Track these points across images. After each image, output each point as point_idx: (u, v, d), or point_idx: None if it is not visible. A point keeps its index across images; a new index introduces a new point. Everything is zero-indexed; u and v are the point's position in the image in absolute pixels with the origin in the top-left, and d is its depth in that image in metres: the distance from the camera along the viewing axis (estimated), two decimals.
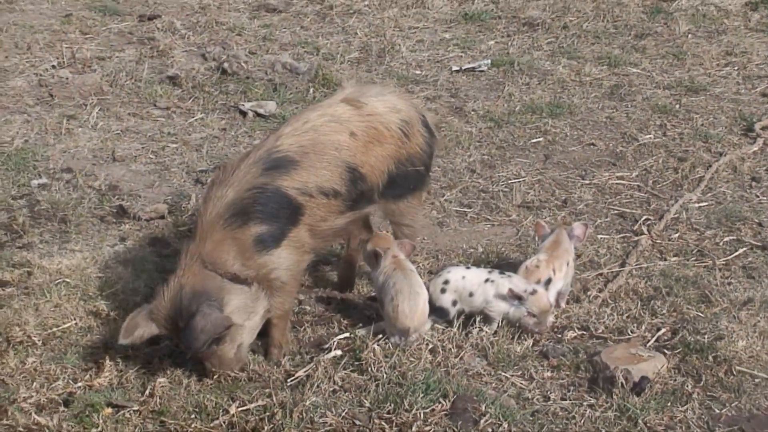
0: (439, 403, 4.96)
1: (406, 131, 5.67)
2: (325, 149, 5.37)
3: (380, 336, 5.49)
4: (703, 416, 5.03)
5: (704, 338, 5.53)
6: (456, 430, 4.82)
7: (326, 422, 4.85)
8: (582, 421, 4.96)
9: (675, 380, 5.26)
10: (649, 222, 7.05)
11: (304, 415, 4.86)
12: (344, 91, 5.78)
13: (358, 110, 5.56)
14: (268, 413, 4.87)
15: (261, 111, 8.85)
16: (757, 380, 5.29)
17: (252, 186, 5.18)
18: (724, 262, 6.49)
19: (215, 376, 5.20)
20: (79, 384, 5.17)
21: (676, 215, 7.10)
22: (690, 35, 11.13)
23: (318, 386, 5.11)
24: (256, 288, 5.22)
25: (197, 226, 5.25)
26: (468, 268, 5.79)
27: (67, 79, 9.43)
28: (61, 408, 5.00)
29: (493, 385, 5.26)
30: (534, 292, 5.54)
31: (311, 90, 9.32)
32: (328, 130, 5.43)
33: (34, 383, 5.16)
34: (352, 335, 5.44)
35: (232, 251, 5.14)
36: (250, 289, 5.20)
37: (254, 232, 5.15)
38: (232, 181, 5.21)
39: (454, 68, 10.09)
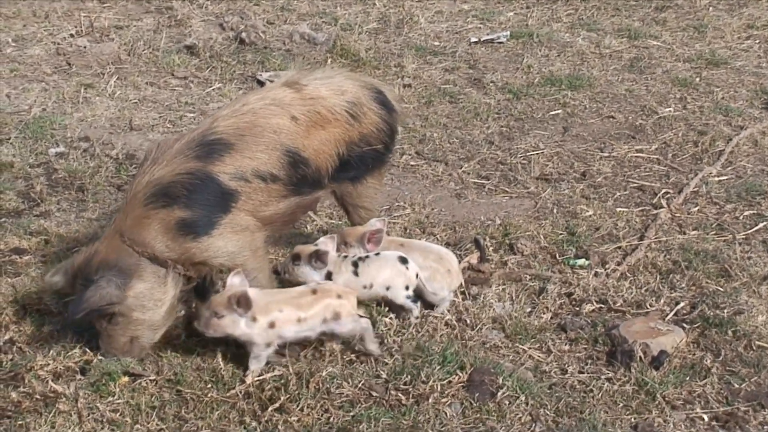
0: (456, 375, 4.95)
1: (353, 113, 5.46)
2: (263, 132, 5.19)
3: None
4: (722, 391, 5.00)
5: (723, 313, 5.51)
6: (473, 402, 4.81)
7: (342, 393, 4.84)
8: (600, 394, 4.94)
9: (694, 355, 5.24)
10: (668, 195, 7.00)
11: (321, 385, 4.85)
12: (287, 75, 5.65)
13: (298, 93, 5.38)
14: (284, 383, 4.86)
15: None
16: None
17: (182, 170, 5.02)
18: (744, 236, 6.45)
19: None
20: (96, 352, 5.17)
21: (695, 189, 7.06)
22: (711, 8, 11.07)
23: (334, 357, 5.10)
24: (170, 276, 5.08)
25: (125, 199, 5.14)
26: None
27: (84, 47, 9.42)
28: (78, 376, 5.00)
29: (511, 357, 5.25)
30: None
31: (329, 60, 9.29)
32: (267, 113, 5.26)
33: (51, 351, 5.15)
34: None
35: (153, 230, 5.00)
36: (165, 274, 5.07)
37: (178, 216, 4.99)
38: (162, 160, 5.07)
39: (473, 40, 10.04)
